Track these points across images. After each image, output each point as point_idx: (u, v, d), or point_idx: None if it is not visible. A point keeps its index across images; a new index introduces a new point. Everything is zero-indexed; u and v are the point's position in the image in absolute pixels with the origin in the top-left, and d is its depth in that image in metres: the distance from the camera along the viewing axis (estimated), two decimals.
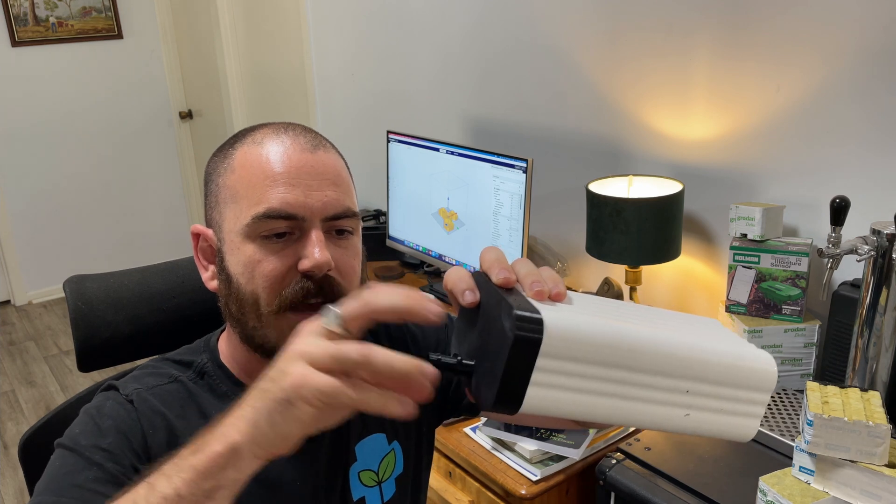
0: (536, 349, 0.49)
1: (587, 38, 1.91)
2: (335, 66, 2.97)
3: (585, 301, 0.58)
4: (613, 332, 0.52)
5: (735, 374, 0.55)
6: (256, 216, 0.74)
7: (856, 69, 1.40)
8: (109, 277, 1.02)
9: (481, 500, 1.46)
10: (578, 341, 0.50)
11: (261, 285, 0.75)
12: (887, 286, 1.21)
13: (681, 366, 0.53)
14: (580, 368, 0.51)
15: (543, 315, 0.49)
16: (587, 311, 0.54)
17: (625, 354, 0.51)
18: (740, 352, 0.56)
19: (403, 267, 2.41)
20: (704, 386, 0.54)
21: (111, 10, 4.08)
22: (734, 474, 1.21)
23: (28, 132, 3.97)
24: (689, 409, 0.54)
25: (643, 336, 0.53)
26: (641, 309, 0.62)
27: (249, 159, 0.76)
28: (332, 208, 0.76)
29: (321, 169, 0.76)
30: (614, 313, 0.56)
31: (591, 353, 0.51)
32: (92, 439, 0.73)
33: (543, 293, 0.54)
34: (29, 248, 4.12)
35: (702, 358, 0.54)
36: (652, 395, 0.53)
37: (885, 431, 1.00)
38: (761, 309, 1.48)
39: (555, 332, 0.49)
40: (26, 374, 3.40)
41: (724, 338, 0.58)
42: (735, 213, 1.50)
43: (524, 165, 1.79)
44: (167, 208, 4.50)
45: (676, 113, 1.74)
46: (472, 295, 0.56)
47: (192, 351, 0.86)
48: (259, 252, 0.74)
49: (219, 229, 0.79)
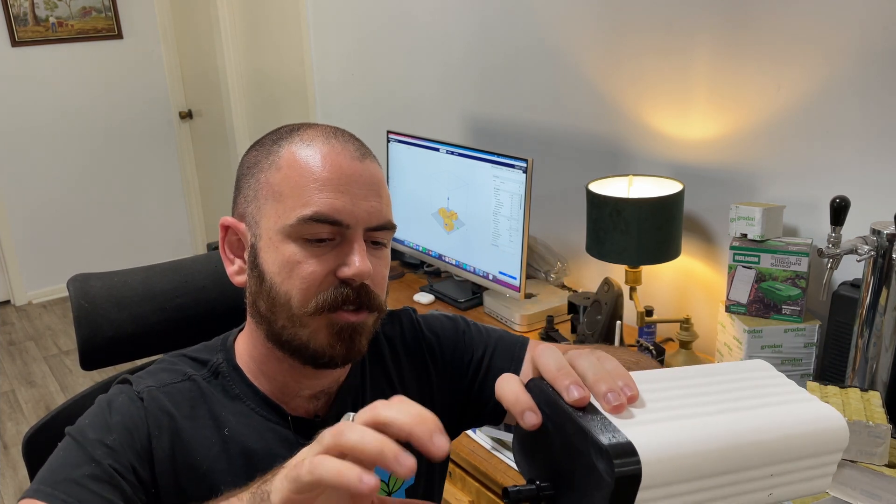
0: (637, 484, 0.46)
1: (587, 37, 1.91)
2: (335, 66, 2.97)
3: (651, 393, 0.54)
4: (701, 441, 0.49)
5: (812, 443, 0.54)
6: (303, 218, 0.74)
7: (857, 69, 1.41)
8: (113, 276, 1.02)
9: (481, 500, 1.46)
10: (675, 461, 0.48)
11: (297, 286, 0.75)
12: (887, 286, 1.21)
13: (763, 454, 0.51)
14: (680, 488, 0.48)
15: (633, 440, 0.46)
16: (664, 414, 0.51)
17: (716, 462, 0.49)
18: (809, 414, 0.54)
19: (403, 267, 2.41)
20: (787, 465, 0.53)
21: (111, 10, 4.08)
22: None
23: (28, 132, 3.97)
24: (772, 489, 0.53)
25: (730, 435, 0.51)
26: (701, 381, 0.58)
27: (298, 160, 0.76)
28: (376, 219, 0.77)
29: (368, 179, 0.77)
30: (686, 403, 0.53)
31: (688, 471, 0.48)
32: (98, 433, 0.74)
33: (623, 407, 0.50)
34: (29, 248, 4.12)
35: (780, 438, 0.52)
36: (741, 488, 0.51)
37: (885, 431, 1.00)
38: (761, 309, 1.48)
39: (651, 459, 0.46)
40: (26, 374, 3.40)
41: (788, 396, 0.56)
42: (735, 213, 1.50)
43: (524, 165, 1.79)
44: (167, 208, 4.50)
45: (677, 113, 1.74)
46: (535, 417, 0.53)
47: (209, 349, 0.86)
48: (300, 253, 0.75)
49: (255, 225, 0.78)
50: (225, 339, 0.87)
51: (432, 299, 2.11)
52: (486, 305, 2.03)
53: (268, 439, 0.81)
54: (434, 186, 2.10)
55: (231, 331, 0.88)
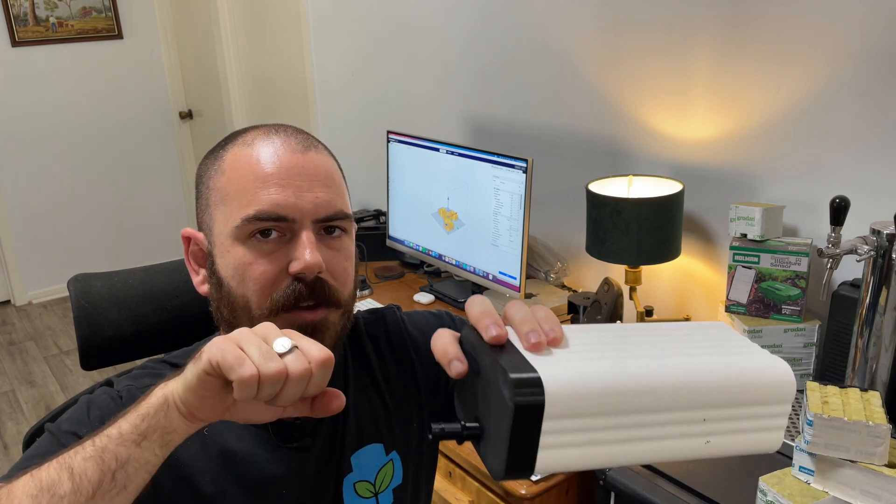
0: (540, 414, 0.47)
1: (587, 37, 1.91)
2: (335, 66, 2.97)
3: (583, 339, 0.55)
4: (616, 378, 0.49)
5: (752, 392, 0.52)
6: (246, 218, 0.73)
7: (856, 69, 1.41)
8: (113, 276, 1.02)
9: (481, 500, 1.46)
10: (582, 396, 0.48)
11: (251, 288, 0.74)
12: (887, 286, 1.21)
13: (692, 396, 0.51)
14: (589, 422, 0.48)
15: (541, 374, 0.47)
16: (586, 355, 0.51)
17: (631, 398, 0.49)
18: (753, 365, 0.53)
19: (403, 267, 2.41)
20: (720, 411, 0.52)
21: (111, 10, 4.08)
22: (734, 474, 1.21)
23: (28, 132, 3.97)
24: (708, 436, 0.52)
25: (647, 374, 0.50)
26: (641, 333, 0.58)
27: (239, 161, 0.75)
28: (324, 210, 0.75)
29: (312, 170, 0.75)
30: (614, 348, 0.54)
31: (597, 405, 0.48)
32: (73, 426, 0.74)
33: (541, 345, 0.51)
34: (29, 248, 4.12)
35: (713, 383, 0.51)
36: (667, 430, 0.50)
37: (885, 431, 1.00)
38: (761, 309, 1.48)
39: (556, 391, 0.47)
40: (26, 374, 3.41)
41: (735, 349, 0.55)
42: (735, 213, 1.50)
43: (524, 165, 1.79)
44: (167, 208, 4.50)
45: (676, 113, 1.74)
46: (461, 365, 0.55)
47: (188, 353, 0.86)
48: (249, 254, 0.73)
49: (209, 232, 0.78)
50: (204, 342, 0.87)
51: (432, 299, 2.11)
52: None
53: (247, 440, 0.80)
54: (434, 186, 2.10)
55: (211, 335, 0.88)
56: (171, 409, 0.60)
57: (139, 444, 0.60)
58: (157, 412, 0.60)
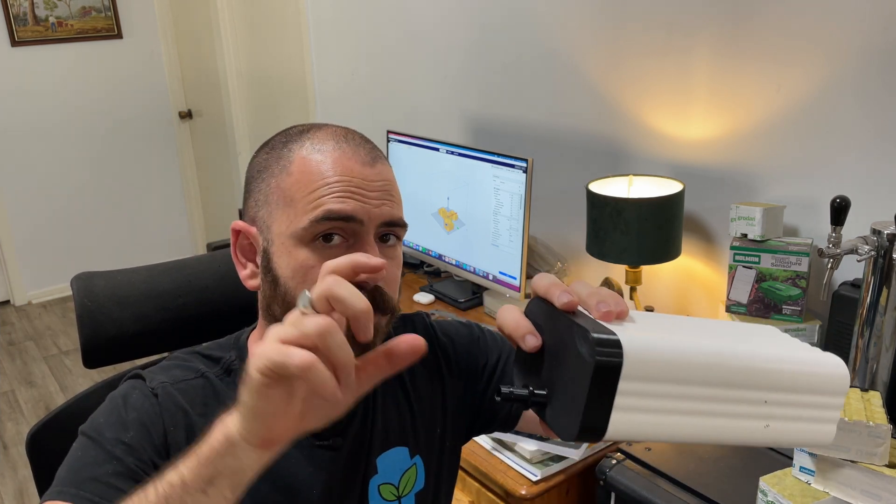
0: (618, 372, 0.48)
1: (587, 37, 1.91)
2: (335, 65, 2.97)
3: (648, 319, 0.57)
4: (689, 348, 0.51)
5: (809, 380, 0.54)
6: (314, 219, 0.74)
7: (857, 69, 1.41)
8: (116, 275, 1.02)
9: (481, 500, 1.47)
10: (658, 360, 0.49)
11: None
12: (887, 286, 1.22)
13: (757, 376, 0.52)
14: (661, 388, 0.49)
15: (620, 336, 0.48)
16: (655, 329, 0.53)
17: (703, 370, 0.51)
18: (811, 357, 0.56)
19: (404, 267, 2.41)
20: (781, 395, 0.53)
21: (111, 10, 4.08)
22: (734, 474, 1.21)
23: (28, 132, 3.97)
24: (768, 420, 0.53)
25: (718, 350, 0.52)
26: (702, 323, 0.61)
27: (309, 166, 0.76)
28: (388, 216, 0.77)
29: (379, 182, 0.77)
30: (679, 328, 0.56)
31: (671, 372, 0.50)
32: (115, 432, 0.74)
33: (612, 314, 0.52)
34: (29, 248, 4.11)
35: (776, 367, 0.53)
36: (732, 408, 0.52)
37: (886, 431, 1.00)
38: (761, 309, 1.49)
39: (634, 353, 0.48)
40: (26, 374, 3.40)
41: (791, 344, 0.58)
42: (735, 213, 1.50)
43: (524, 165, 1.79)
44: (167, 208, 4.50)
45: (676, 113, 1.74)
46: (535, 339, 0.55)
47: (222, 346, 0.86)
48: (312, 258, 0.75)
49: (266, 230, 0.78)
50: (238, 337, 0.87)
51: (432, 299, 2.11)
52: (486, 305, 2.03)
53: None
54: (434, 186, 2.11)
55: (244, 329, 0.88)
56: (240, 446, 0.57)
57: (205, 491, 0.57)
58: (222, 457, 0.57)
